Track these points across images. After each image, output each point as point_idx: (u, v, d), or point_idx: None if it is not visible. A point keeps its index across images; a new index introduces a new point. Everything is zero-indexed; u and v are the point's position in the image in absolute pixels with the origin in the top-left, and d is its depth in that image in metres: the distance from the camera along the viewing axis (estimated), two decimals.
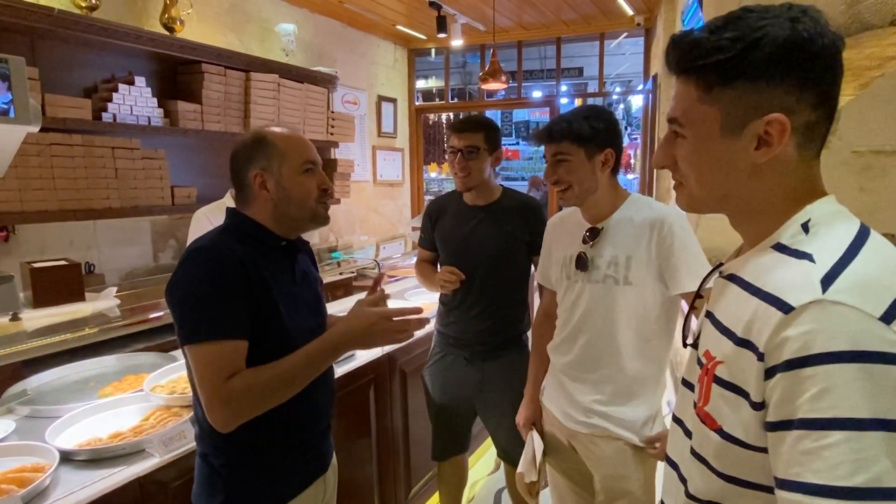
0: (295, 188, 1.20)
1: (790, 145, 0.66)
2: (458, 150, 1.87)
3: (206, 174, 3.33)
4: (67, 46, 2.76)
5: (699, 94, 0.69)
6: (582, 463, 1.52)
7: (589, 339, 1.48)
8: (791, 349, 0.58)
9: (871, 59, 0.95)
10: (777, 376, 0.60)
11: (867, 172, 1.65)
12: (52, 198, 2.54)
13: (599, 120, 1.43)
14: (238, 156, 1.20)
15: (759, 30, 0.64)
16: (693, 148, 0.72)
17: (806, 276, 0.61)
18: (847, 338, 0.56)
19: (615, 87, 9.04)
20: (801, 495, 0.56)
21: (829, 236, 0.65)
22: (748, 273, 0.70)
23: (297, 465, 1.23)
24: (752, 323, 0.64)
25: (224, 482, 1.16)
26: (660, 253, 1.39)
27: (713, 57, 0.66)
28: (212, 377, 1.05)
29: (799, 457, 0.57)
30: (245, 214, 1.21)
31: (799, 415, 0.57)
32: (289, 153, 1.19)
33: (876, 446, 0.53)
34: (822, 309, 0.58)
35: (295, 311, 1.21)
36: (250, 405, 1.07)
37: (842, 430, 0.55)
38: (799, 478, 0.57)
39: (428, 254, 2.10)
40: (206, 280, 1.08)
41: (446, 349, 2.03)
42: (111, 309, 2.12)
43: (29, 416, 1.56)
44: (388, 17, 4.70)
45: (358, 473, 2.10)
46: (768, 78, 0.64)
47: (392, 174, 5.59)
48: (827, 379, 0.56)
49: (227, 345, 1.06)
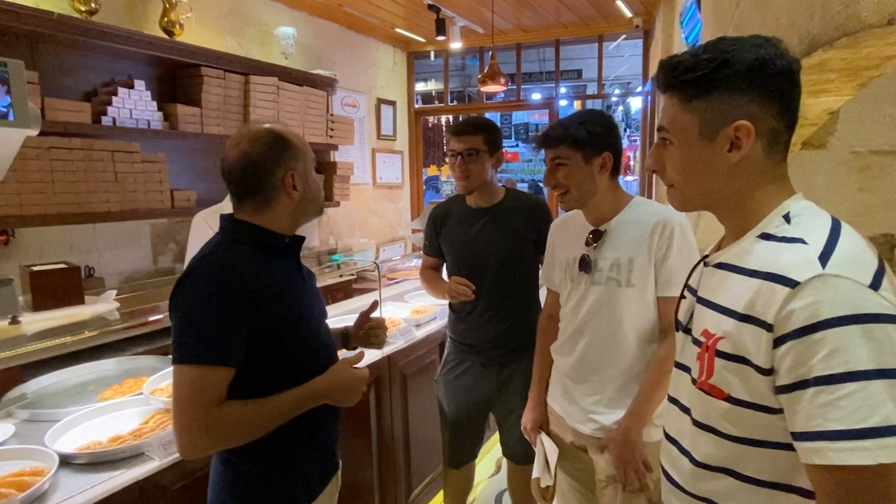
0: (314, 185, 1.24)
1: (758, 149, 0.79)
2: (458, 154, 1.85)
3: (206, 177, 3.33)
4: (67, 50, 2.76)
5: (681, 105, 0.82)
6: (587, 462, 1.52)
7: (591, 340, 1.48)
8: (800, 318, 0.68)
9: (869, 59, 0.95)
10: (787, 344, 0.70)
11: (866, 172, 1.65)
12: (52, 201, 2.54)
13: (596, 124, 1.43)
14: (261, 159, 1.15)
15: (729, 52, 0.77)
16: (679, 152, 0.84)
17: (804, 255, 0.72)
18: (848, 304, 0.66)
19: (614, 89, 9.05)
20: (825, 442, 0.66)
21: (812, 224, 0.76)
22: (740, 260, 0.81)
23: (320, 464, 1.26)
24: (756, 300, 0.74)
25: (254, 487, 1.16)
26: (658, 254, 1.40)
27: (691, 73, 0.79)
28: (195, 401, 1.04)
29: (818, 410, 0.66)
30: (249, 222, 1.18)
31: (814, 374, 0.67)
32: (306, 151, 1.22)
33: (881, 392, 0.64)
34: (823, 282, 0.68)
35: (308, 309, 1.24)
36: (231, 438, 1.09)
37: (854, 382, 0.64)
38: (820, 427, 0.66)
39: (433, 260, 2.08)
40: (207, 302, 1.06)
41: (461, 356, 2.00)
42: (111, 312, 2.12)
43: (28, 419, 1.55)
44: (388, 19, 4.71)
45: (358, 476, 2.09)
46: (736, 90, 0.77)
47: (391, 177, 5.60)
48: (836, 340, 0.66)
49: (214, 371, 1.06)
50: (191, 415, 1.04)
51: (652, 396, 1.39)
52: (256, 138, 1.16)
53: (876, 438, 0.63)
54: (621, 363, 1.45)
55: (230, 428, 1.06)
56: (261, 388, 1.11)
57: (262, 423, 1.10)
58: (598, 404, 1.47)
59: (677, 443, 0.90)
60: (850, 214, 0.71)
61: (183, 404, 1.05)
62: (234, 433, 1.08)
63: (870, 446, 0.63)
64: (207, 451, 1.10)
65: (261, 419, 1.09)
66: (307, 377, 1.17)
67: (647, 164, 0.90)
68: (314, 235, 4.56)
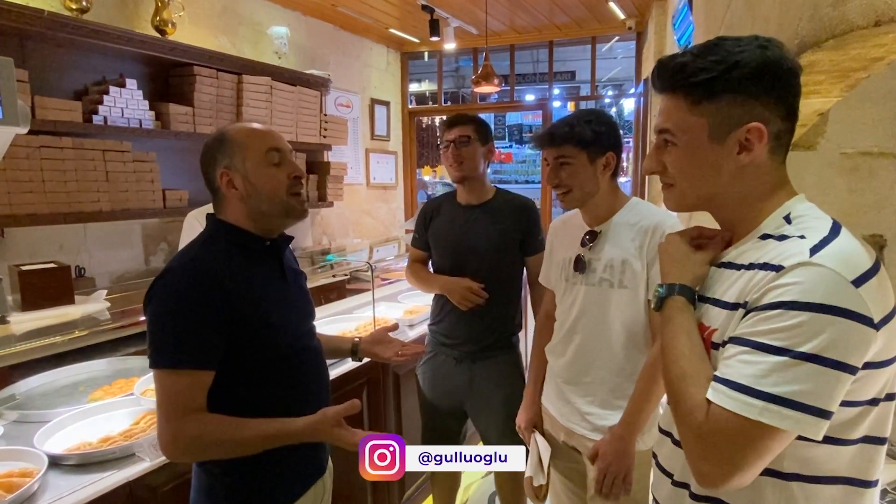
0: (262, 181, 1.13)
1: (764, 151, 0.79)
2: (451, 142, 1.89)
3: (198, 177, 3.21)
4: (58, 49, 2.74)
5: (688, 108, 0.80)
6: (579, 462, 1.52)
7: (583, 340, 1.48)
8: (771, 295, 0.71)
9: (856, 60, 0.96)
10: (750, 314, 0.73)
11: (855, 174, 1.67)
12: (42, 200, 2.52)
13: (601, 123, 1.44)
14: (204, 158, 1.16)
15: (736, 54, 0.76)
16: (684, 154, 0.83)
17: (798, 247, 0.73)
18: (823, 293, 0.68)
19: (607, 90, 9.08)
20: (725, 388, 0.71)
21: (812, 225, 0.76)
22: (738, 258, 0.82)
23: (296, 470, 1.23)
24: (744, 289, 0.76)
25: (225, 489, 1.15)
26: (649, 256, 1.40)
27: (700, 76, 0.78)
28: (167, 407, 1.04)
29: (735, 363, 0.72)
30: (223, 220, 1.17)
31: (754, 338, 0.71)
32: (249, 144, 1.14)
33: (805, 372, 0.67)
34: (807, 268, 0.70)
35: (287, 311, 1.20)
36: (192, 452, 1.09)
37: (783, 357, 0.68)
38: (729, 377, 0.71)
39: (420, 254, 2.10)
40: (174, 308, 1.04)
41: (437, 348, 2.03)
42: (101, 312, 2.10)
43: (17, 420, 1.54)
44: (381, 20, 4.71)
45: (351, 476, 2.08)
46: (747, 93, 0.77)
47: (385, 177, 5.59)
48: (793, 320, 0.68)
49: (185, 375, 1.04)
50: (171, 424, 1.03)
51: (645, 403, 1.38)
52: (208, 138, 1.18)
53: (769, 403, 0.67)
54: (613, 364, 1.45)
55: (194, 442, 1.05)
56: (235, 392, 1.10)
57: (233, 446, 1.08)
58: (591, 405, 1.48)
59: (672, 476, 0.89)
60: (839, 215, 0.72)
61: (163, 410, 1.04)
62: (196, 449, 1.08)
63: (759, 405, 0.68)
64: (180, 458, 1.11)
65: (232, 442, 1.07)
66: (283, 382, 1.16)
67: (647, 165, 0.88)
68: (307, 235, 4.55)
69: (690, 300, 0.84)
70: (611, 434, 1.41)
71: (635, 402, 1.39)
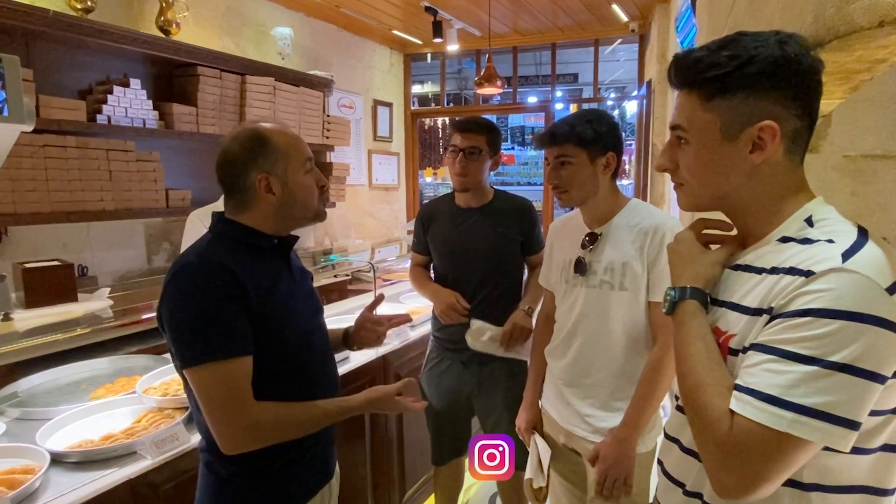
0: (300, 189, 1.16)
1: (780, 150, 0.76)
2: (461, 150, 1.86)
3: (201, 177, 3.32)
4: (62, 48, 2.75)
5: (700, 104, 0.78)
6: (579, 464, 1.52)
7: (583, 343, 1.48)
8: (801, 301, 0.67)
9: (860, 61, 0.95)
10: (777, 320, 0.69)
11: (859, 176, 1.66)
12: (46, 199, 2.53)
13: (602, 123, 1.43)
14: (235, 159, 1.12)
15: (753, 49, 0.74)
16: (696, 151, 0.80)
17: (828, 252, 0.70)
18: (856, 300, 0.65)
19: (610, 92, 9.08)
20: (751, 398, 0.68)
21: (838, 229, 0.73)
22: (758, 261, 0.78)
23: (305, 473, 1.23)
24: (769, 294, 0.73)
25: (233, 491, 1.15)
26: (649, 258, 1.40)
27: (712, 72, 0.76)
28: (228, 399, 1.02)
29: (762, 371, 0.68)
30: (235, 221, 1.16)
31: (781, 346, 0.67)
32: (291, 153, 1.14)
33: (837, 383, 0.64)
34: (839, 275, 0.67)
35: (297, 308, 1.21)
36: (271, 437, 1.09)
37: (814, 367, 0.65)
38: (755, 387, 0.68)
39: (421, 258, 2.09)
40: (200, 298, 1.03)
41: (442, 354, 2.02)
42: (104, 310, 2.11)
43: (20, 418, 1.54)
44: (385, 21, 4.72)
45: (352, 477, 2.09)
46: (760, 90, 0.74)
47: (387, 178, 5.59)
48: (825, 328, 0.65)
49: (235, 363, 1.04)
50: (225, 413, 1.03)
51: (646, 405, 1.38)
52: (235, 137, 1.14)
53: (799, 414, 0.65)
54: (613, 367, 1.45)
55: (274, 427, 1.08)
56: None
57: (307, 426, 1.13)
58: (592, 407, 1.47)
59: (679, 442, 0.88)
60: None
61: (215, 405, 1.03)
62: (277, 433, 1.09)
63: (788, 417, 0.65)
64: (251, 447, 1.08)
65: (305, 422, 1.13)
66: (294, 375, 1.17)
67: (660, 162, 0.86)
68: (309, 236, 4.55)
69: (703, 304, 0.81)
70: (611, 436, 1.41)
71: (636, 404, 1.39)
